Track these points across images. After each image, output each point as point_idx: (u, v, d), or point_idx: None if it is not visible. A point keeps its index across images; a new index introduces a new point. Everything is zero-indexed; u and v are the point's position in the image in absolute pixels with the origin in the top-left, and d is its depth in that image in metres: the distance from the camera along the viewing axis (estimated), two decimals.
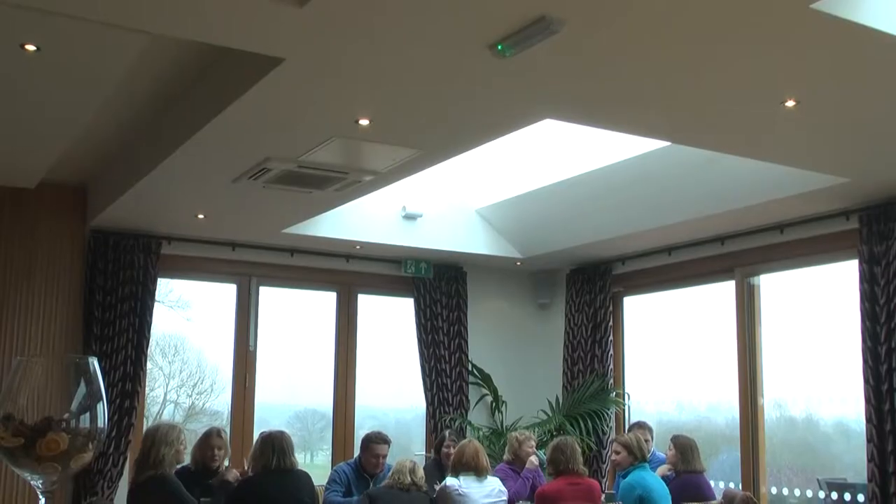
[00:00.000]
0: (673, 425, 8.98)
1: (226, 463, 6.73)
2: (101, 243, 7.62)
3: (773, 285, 7.97)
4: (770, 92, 4.51)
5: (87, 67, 4.54)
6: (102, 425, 1.97)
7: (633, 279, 8.93)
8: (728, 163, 6.36)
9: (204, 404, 9.23)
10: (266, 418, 8.57)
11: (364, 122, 4.97)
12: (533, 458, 7.12)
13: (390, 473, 6.13)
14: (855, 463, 8.15)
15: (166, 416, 8.99)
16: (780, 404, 9.03)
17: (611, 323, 8.95)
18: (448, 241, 8.62)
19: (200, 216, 7.28)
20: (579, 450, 6.52)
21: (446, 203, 8.58)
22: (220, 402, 8.84)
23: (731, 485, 7.89)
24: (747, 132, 5.22)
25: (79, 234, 7.57)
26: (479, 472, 6.19)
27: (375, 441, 6.82)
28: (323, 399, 9.05)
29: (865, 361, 6.42)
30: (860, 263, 6.56)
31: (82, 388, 1.97)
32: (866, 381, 6.40)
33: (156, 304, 7.92)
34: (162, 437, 5.68)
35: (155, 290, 7.82)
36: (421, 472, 6.13)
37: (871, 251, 6.47)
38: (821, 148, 5.49)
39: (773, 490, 8.37)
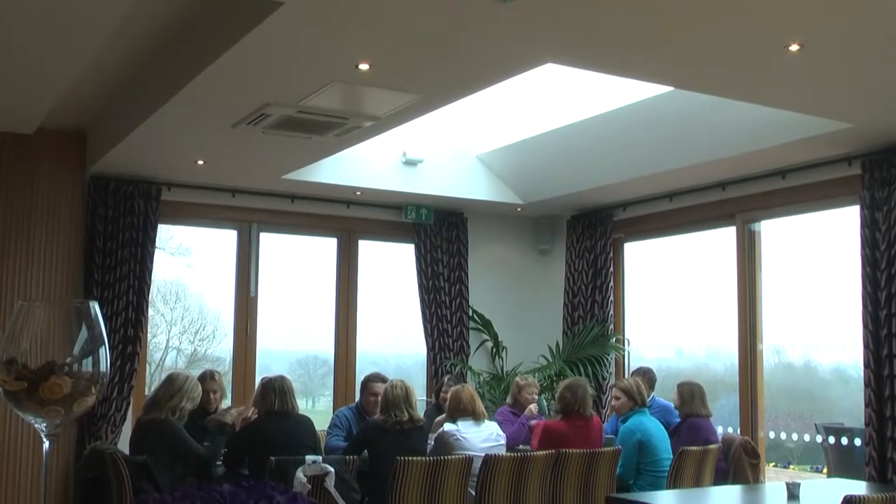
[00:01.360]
0: (672, 371, 9.03)
1: (224, 404, 6.79)
2: (101, 189, 7.60)
3: (774, 231, 7.96)
4: (774, 36, 4.47)
5: (83, 12, 4.49)
6: (105, 369, 1.98)
7: (633, 225, 8.93)
8: (730, 108, 6.31)
9: (206, 351, 9.27)
10: (268, 365, 8.61)
11: (364, 66, 4.92)
12: (532, 407, 7.15)
13: (382, 406, 6.12)
14: (852, 408, 8.21)
15: (169, 362, 9.05)
16: (778, 350, 9.08)
17: (611, 269, 8.96)
18: (449, 186, 8.60)
19: (200, 162, 7.25)
20: (591, 394, 6.59)
21: (447, 149, 8.54)
22: (222, 348, 8.88)
23: (730, 430, 7.96)
24: (751, 77, 5.18)
25: (78, 181, 7.55)
26: (476, 417, 6.22)
27: (372, 380, 6.86)
28: (324, 345, 9.09)
29: (865, 307, 6.44)
30: (862, 209, 6.54)
31: (84, 333, 1.98)
32: (865, 326, 6.43)
33: (156, 251, 7.92)
34: (189, 389, 5.78)
35: (155, 236, 7.82)
36: (414, 398, 6.11)
37: (872, 197, 6.46)
38: (824, 93, 5.45)
39: (771, 435, 8.44)
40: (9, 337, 1.92)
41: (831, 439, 8.66)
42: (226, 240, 8.62)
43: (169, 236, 8.61)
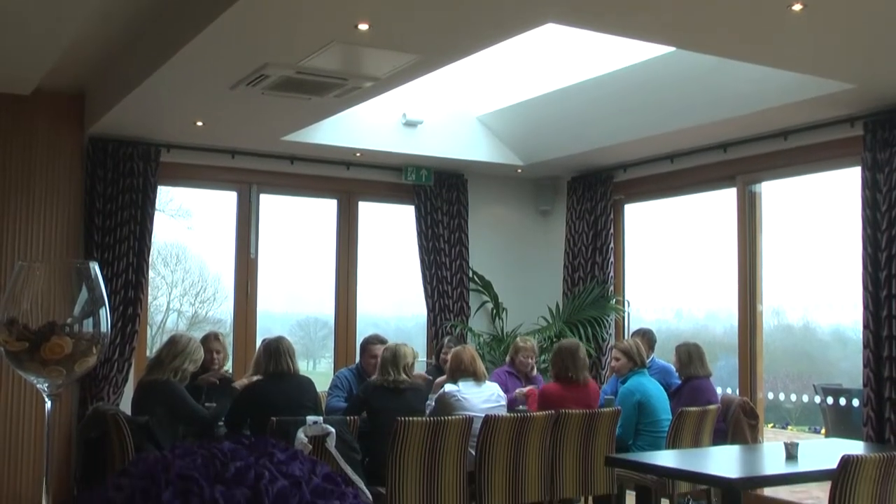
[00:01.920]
0: (672, 333, 9.06)
1: (227, 367, 6.81)
2: (100, 151, 7.58)
3: (775, 193, 7.95)
4: None
5: None
6: (105, 330, 1.98)
7: (634, 186, 8.91)
8: (732, 69, 6.28)
9: (207, 313, 9.29)
10: (268, 327, 8.64)
11: (363, 26, 4.89)
12: (519, 392, 7.02)
13: (379, 368, 6.16)
14: (850, 369, 8.25)
15: (170, 324, 9.07)
16: (778, 312, 9.11)
17: (611, 230, 8.96)
18: (449, 148, 8.57)
19: (199, 123, 7.22)
20: (586, 357, 6.61)
21: (447, 110, 8.50)
22: (223, 310, 8.90)
23: (729, 391, 7.99)
24: (753, 37, 5.14)
25: (77, 142, 7.52)
26: (477, 378, 6.25)
27: (372, 342, 6.88)
28: (325, 307, 9.11)
29: (865, 268, 6.44)
30: (863, 170, 6.53)
31: (84, 294, 1.97)
32: (865, 287, 6.43)
33: (156, 213, 7.91)
34: (191, 351, 5.80)
35: (155, 197, 7.81)
36: (409, 359, 6.13)
37: (874, 158, 6.44)
38: (827, 53, 5.42)
39: (770, 396, 8.49)
40: (9, 297, 1.92)
41: (829, 400, 8.71)
42: (225, 201, 8.62)
43: (169, 198, 8.60)
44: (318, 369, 9.85)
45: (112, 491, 0.88)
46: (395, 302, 9.69)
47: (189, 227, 9.00)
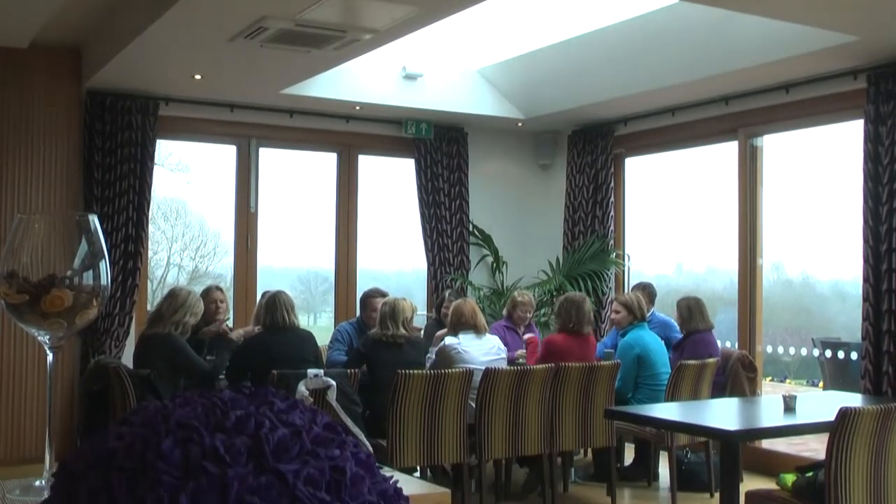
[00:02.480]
0: (671, 288, 9.08)
1: (228, 320, 6.83)
2: (98, 104, 7.54)
3: (776, 146, 7.93)
4: None
5: None
6: (105, 283, 1.97)
7: (635, 140, 8.87)
8: (735, 22, 6.22)
9: (207, 267, 9.31)
10: (269, 282, 8.64)
11: None
12: (520, 353, 7.03)
13: (378, 322, 6.19)
14: (849, 323, 8.28)
15: (170, 279, 9.09)
16: (777, 267, 9.12)
17: (612, 184, 8.94)
18: (449, 101, 8.53)
19: (197, 77, 7.17)
20: (590, 310, 6.64)
21: (447, 63, 8.45)
22: (223, 265, 8.92)
23: (728, 344, 8.03)
24: None
25: (75, 95, 7.48)
26: (477, 330, 6.28)
27: (373, 295, 6.89)
28: (325, 262, 9.12)
29: (866, 222, 6.44)
30: (866, 123, 6.50)
31: (84, 246, 1.97)
32: (865, 241, 6.43)
33: (156, 168, 7.90)
34: (191, 304, 5.81)
35: (154, 151, 7.78)
36: (408, 314, 6.16)
37: (877, 111, 6.41)
38: (831, 4, 5.36)
39: (769, 349, 8.53)
40: (8, 250, 1.91)
41: (828, 353, 8.75)
42: (225, 155, 8.59)
43: (168, 153, 8.58)
44: (319, 323, 9.89)
45: (112, 440, 0.88)
46: (396, 255, 9.70)
47: (188, 182, 8.99)
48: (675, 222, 9.24)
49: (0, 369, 7.16)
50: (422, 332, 6.87)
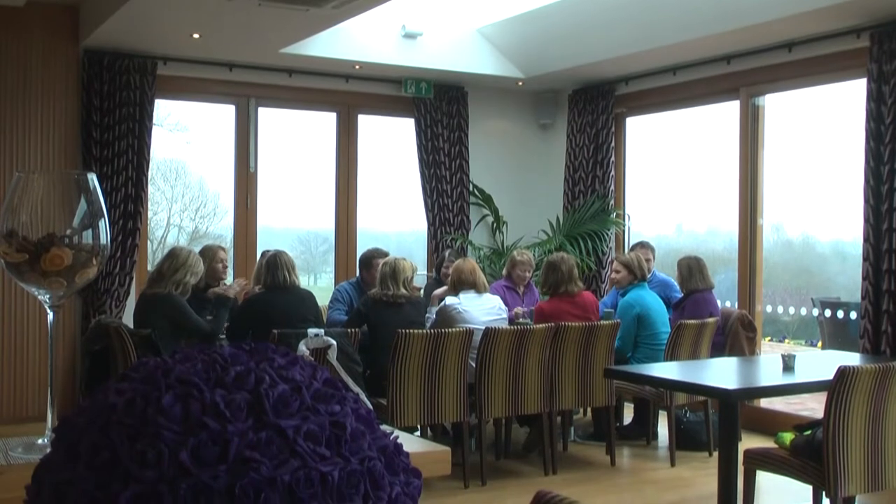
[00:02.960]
0: (671, 248, 9.08)
1: (228, 280, 6.84)
2: (96, 63, 7.50)
3: (778, 106, 7.89)
4: None
5: None
6: (105, 242, 1.97)
7: (636, 99, 8.83)
8: None
9: (207, 228, 9.31)
10: (269, 243, 8.63)
11: None
12: (518, 310, 7.04)
13: (378, 282, 6.19)
14: (848, 284, 8.29)
15: (170, 240, 9.09)
16: (777, 227, 9.11)
17: (612, 144, 8.91)
18: (449, 60, 8.47)
19: (195, 36, 7.12)
20: (574, 268, 6.60)
21: (447, 22, 8.38)
22: (223, 226, 8.91)
23: (728, 304, 8.05)
24: None
25: (72, 55, 7.43)
26: (478, 289, 6.29)
27: (375, 256, 6.87)
28: (325, 222, 9.11)
29: (867, 181, 6.42)
30: (868, 82, 6.46)
31: (83, 205, 1.96)
32: (866, 200, 6.42)
33: (155, 128, 7.86)
34: (192, 263, 5.81)
35: (153, 111, 7.75)
36: (408, 273, 6.16)
37: (880, 70, 6.37)
38: None
39: (769, 309, 8.54)
40: (7, 209, 1.91)
41: (827, 313, 8.77)
42: (224, 115, 8.55)
43: (167, 113, 8.54)
44: (319, 284, 9.90)
45: (113, 395, 0.88)
46: (396, 215, 9.69)
47: (187, 142, 8.96)
48: (675, 182, 9.22)
49: (1, 329, 7.18)
50: (421, 291, 6.87)
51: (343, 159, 8.93)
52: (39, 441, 1.89)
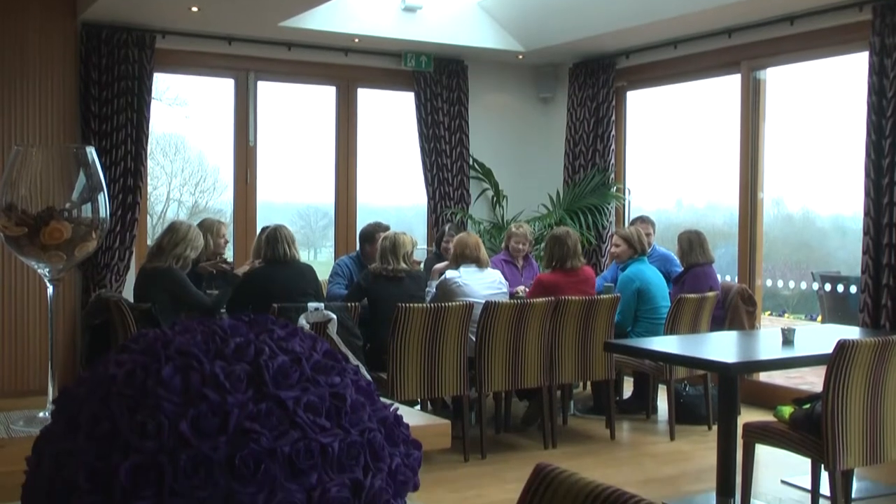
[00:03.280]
0: (671, 223, 9.08)
1: (228, 255, 6.85)
2: (94, 37, 7.46)
3: (780, 79, 7.86)
4: None
5: None
6: (104, 215, 1.97)
7: (636, 73, 8.79)
8: None
9: (207, 203, 9.30)
10: (269, 217, 8.63)
11: None
12: (520, 289, 7.02)
13: (378, 256, 6.18)
14: (848, 259, 8.29)
15: (170, 214, 9.08)
16: (778, 202, 9.11)
17: (613, 118, 8.88)
18: (449, 33, 8.43)
19: (194, 9, 7.08)
20: (577, 244, 6.60)
21: None
22: (223, 200, 8.90)
23: (728, 278, 8.05)
24: None
25: (70, 28, 7.39)
26: (480, 264, 6.29)
27: (376, 230, 6.85)
28: (325, 197, 9.09)
29: (868, 155, 6.41)
30: (870, 56, 6.43)
31: (82, 179, 1.96)
32: (867, 174, 6.41)
33: (154, 102, 7.84)
34: (193, 238, 5.81)
35: (151, 85, 7.72)
36: (408, 248, 6.16)
37: (882, 43, 6.33)
38: None
39: (769, 283, 8.55)
40: (6, 182, 1.90)
41: (827, 287, 8.78)
42: (223, 89, 8.52)
43: (166, 87, 8.51)
44: (320, 258, 9.90)
45: (113, 367, 0.88)
46: (396, 189, 9.67)
47: (187, 116, 8.93)
48: (676, 157, 9.20)
49: (2, 302, 7.19)
50: (421, 265, 6.87)
51: (343, 133, 8.90)
52: (40, 414, 1.89)
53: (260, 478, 0.80)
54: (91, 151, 1.96)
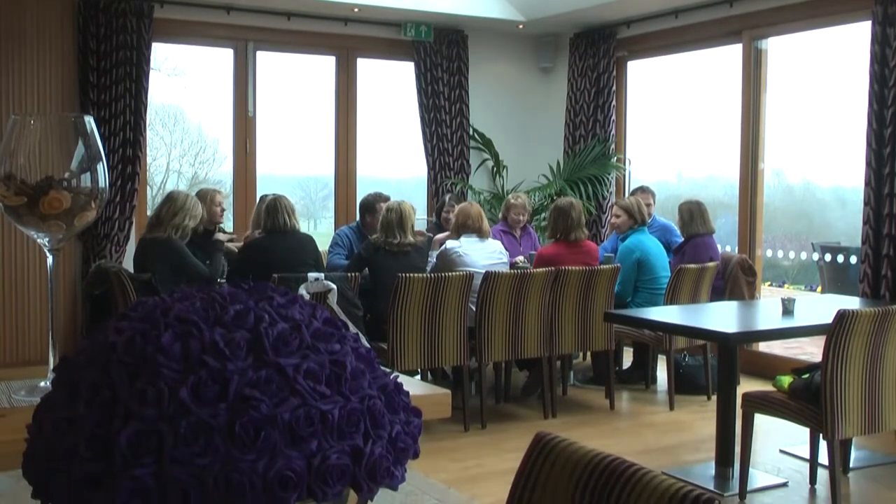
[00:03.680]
0: (672, 194, 9.06)
1: (228, 226, 6.84)
2: (91, 6, 7.41)
3: (781, 49, 7.81)
4: None
5: None
6: (103, 185, 1.96)
7: (637, 43, 8.74)
8: None
9: (207, 174, 9.28)
10: (269, 188, 8.61)
11: None
12: (520, 259, 7.03)
13: (383, 229, 6.17)
14: (848, 229, 8.29)
15: (170, 185, 9.06)
16: (778, 173, 9.09)
17: (613, 88, 8.84)
18: (449, 3, 8.38)
19: None
20: (581, 216, 6.59)
21: None
22: (223, 171, 8.88)
23: (728, 248, 8.05)
24: None
25: None
26: (481, 234, 6.29)
27: (377, 200, 6.84)
28: (324, 168, 9.07)
29: (870, 125, 6.38)
30: (873, 25, 6.39)
31: (81, 148, 1.95)
32: (869, 144, 6.39)
33: (152, 73, 7.80)
34: (191, 207, 5.81)
35: (150, 55, 7.67)
36: (410, 219, 6.15)
37: (885, 12, 6.29)
38: None
39: (769, 253, 8.55)
40: (4, 151, 1.89)
41: (827, 257, 8.78)
42: (222, 59, 8.47)
43: (164, 57, 8.46)
44: (320, 229, 9.90)
45: (112, 334, 0.88)
46: (396, 160, 9.65)
47: (185, 87, 8.89)
48: (676, 127, 9.17)
49: (2, 273, 7.19)
50: (427, 233, 6.88)
51: (342, 104, 8.87)
52: (42, 384, 1.90)
53: (260, 445, 0.80)
54: (90, 121, 1.95)
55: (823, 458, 4.67)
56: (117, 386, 0.84)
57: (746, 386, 6.03)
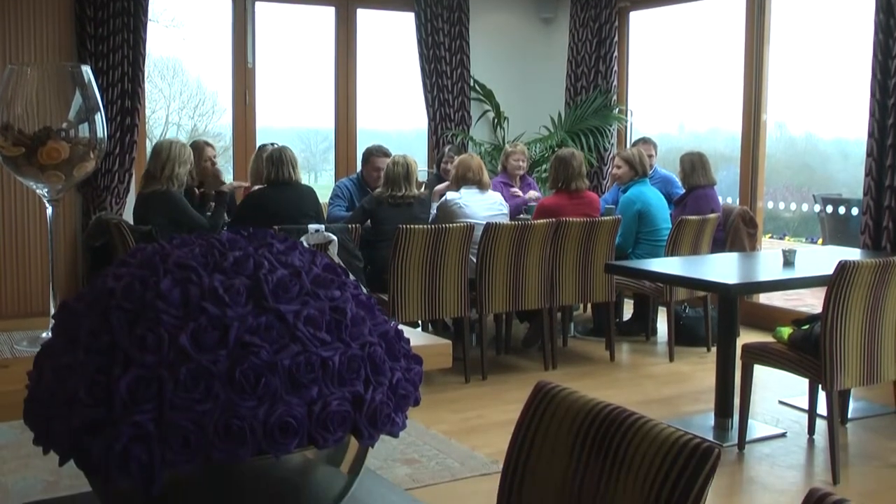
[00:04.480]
0: (673, 146, 9.03)
1: (227, 179, 6.82)
2: None
3: (784, 0, 7.73)
4: None
5: None
6: (102, 136, 1.95)
7: None
8: None
9: (206, 126, 9.24)
10: (269, 140, 8.58)
11: None
12: (532, 193, 7.04)
13: (383, 181, 6.17)
14: (850, 181, 8.27)
15: (170, 137, 9.02)
16: (780, 125, 9.05)
17: (615, 39, 8.76)
18: None
19: None
20: (582, 166, 6.57)
21: None
22: (222, 124, 8.84)
23: (729, 200, 8.03)
24: None
25: None
26: (481, 186, 6.28)
27: (376, 154, 6.85)
28: (325, 120, 9.02)
29: (874, 75, 6.33)
30: None
31: (78, 99, 1.94)
32: (873, 95, 6.34)
33: (151, 24, 7.72)
34: (177, 154, 5.76)
35: (147, 5, 7.58)
36: (413, 171, 6.16)
37: None
38: None
39: (770, 205, 8.54)
40: (1, 101, 1.88)
41: (829, 209, 8.77)
42: (220, 10, 8.38)
43: (162, 8, 8.38)
44: (320, 182, 9.88)
45: (111, 280, 0.87)
46: (396, 112, 9.59)
47: (183, 38, 8.82)
48: (679, 79, 9.11)
49: (2, 225, 7.19)
50: (423, 187, 6.86)
51: (342, 55, 8.79)
52: (43, 335, 1.90)
53: (260, 391, 0.80)
54: (87, 71, 1.94)
55: (822, 408, 4.70)
56: (116, 332, 0.84)
57: (746, 337, 6.04)
